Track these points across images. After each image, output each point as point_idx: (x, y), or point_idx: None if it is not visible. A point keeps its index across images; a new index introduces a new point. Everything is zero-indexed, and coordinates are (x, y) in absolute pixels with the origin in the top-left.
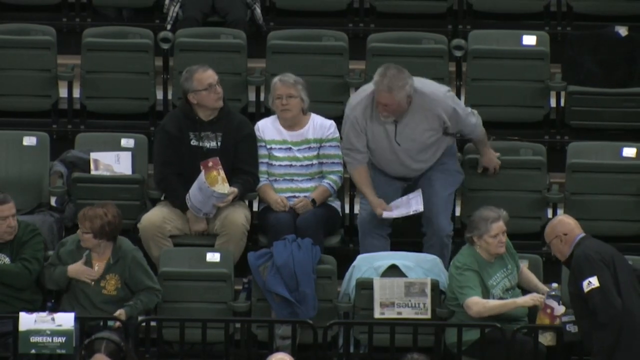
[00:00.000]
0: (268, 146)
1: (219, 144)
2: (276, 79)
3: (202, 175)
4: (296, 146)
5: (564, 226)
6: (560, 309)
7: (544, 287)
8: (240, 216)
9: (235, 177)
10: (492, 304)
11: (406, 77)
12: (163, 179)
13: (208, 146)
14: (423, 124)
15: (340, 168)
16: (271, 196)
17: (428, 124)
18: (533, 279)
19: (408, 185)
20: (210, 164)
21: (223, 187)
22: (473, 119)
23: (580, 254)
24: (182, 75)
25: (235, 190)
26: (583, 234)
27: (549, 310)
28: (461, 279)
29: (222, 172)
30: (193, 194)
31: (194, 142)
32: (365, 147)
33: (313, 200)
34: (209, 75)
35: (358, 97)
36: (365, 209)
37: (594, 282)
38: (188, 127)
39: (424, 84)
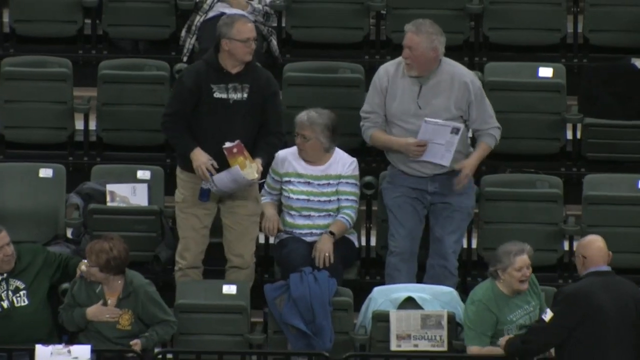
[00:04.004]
0: (286, 179)
1: (245, 95)
2: (302, 113)
3: (238, 169)
4: (316, 180)
5: (587, 250)
6: None
7: None
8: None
9: (260, 139)
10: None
11: (438, 31)
12: (171, 128)
13: (235, 97)
14: (447, 93)
15: (356, 205)
16: (267, 212)
17: (453, 95)
18: None
19: (428, 212)
20: (235, 150)
21: (252, 170)
22: (494, 119)
23: (571, 285)
24: (220, 19)
25: (261, 168)
26: (602, 268)
27: None
28: (473, 319)
29: (247, 154)
30: (222, 181)
31: (217, 95)
32: (381, 107)
33: (331, 232)
34: (250, 29)
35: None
36: (393, 252)
37: (548, 316)
38: (211, 79)
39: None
